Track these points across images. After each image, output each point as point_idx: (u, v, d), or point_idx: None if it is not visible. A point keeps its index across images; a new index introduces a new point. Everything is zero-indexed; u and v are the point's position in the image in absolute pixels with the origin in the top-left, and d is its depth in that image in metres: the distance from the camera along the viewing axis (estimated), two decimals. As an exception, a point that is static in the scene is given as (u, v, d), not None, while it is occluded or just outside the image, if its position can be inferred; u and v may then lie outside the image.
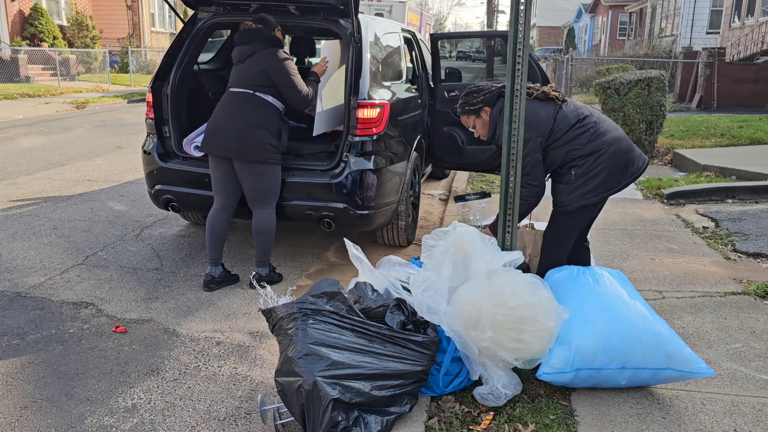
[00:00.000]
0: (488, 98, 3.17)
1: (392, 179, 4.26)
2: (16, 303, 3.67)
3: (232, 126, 3.69)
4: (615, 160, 3.04)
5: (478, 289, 2.60)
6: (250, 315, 3.58)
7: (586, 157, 3.03)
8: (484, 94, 3.17)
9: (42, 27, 19.93)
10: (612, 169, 3.04)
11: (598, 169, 3.02)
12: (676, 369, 2.66)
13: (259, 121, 3.70)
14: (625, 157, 3.08)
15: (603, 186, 3.04)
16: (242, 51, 3.78)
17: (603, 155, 3.03)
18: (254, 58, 3.74)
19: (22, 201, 5.93)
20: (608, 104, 8.74)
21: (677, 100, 15.66)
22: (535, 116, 3.03)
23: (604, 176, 3.03)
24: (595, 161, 3.03)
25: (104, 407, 2.66)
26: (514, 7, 2.73)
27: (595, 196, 3.06)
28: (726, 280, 4.12)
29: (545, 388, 2.79)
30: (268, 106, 3.74)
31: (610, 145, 3.05)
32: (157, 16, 27.17)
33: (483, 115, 3.21)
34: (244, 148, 3.67)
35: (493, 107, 3.16)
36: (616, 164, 3.04)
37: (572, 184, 3.06)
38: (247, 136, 3.67)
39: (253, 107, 3.71)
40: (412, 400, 2.58)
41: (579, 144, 3.04)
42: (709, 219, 5.59)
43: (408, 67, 5.52)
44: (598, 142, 3.04)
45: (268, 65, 3.70)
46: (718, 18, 21.26)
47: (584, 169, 3.03)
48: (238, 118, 3.69)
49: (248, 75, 3.73)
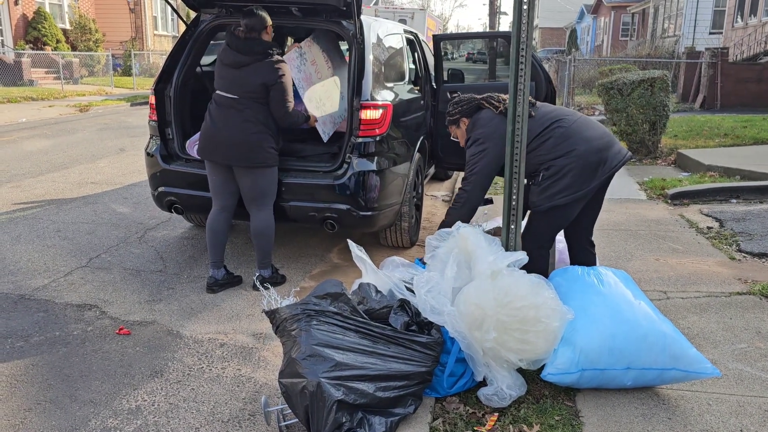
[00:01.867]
0: (465, 110, 3.28)
1: (395, 180, 4.25)
2: (20, 305, 3.68)
3: (229, 133, 3.64)
4: (584, 161, 3.04)
5: (482, 289, 2.59)
6: (254, 316, 3.57)
7: (553, 160, 3.06)
8: (462, 106, 3.30)
9: (45, 30, 20.00)
10: (581, 171, 3.04)
11: (565, 170, 3.04)
12: (681, 369, 2.65)
13: (257, 126, 3.65)
14: (596, 157, 3.07)
15: (572, 187, 3.05)
16: (237, 59, 3.64)
17: (570, 157, 3.04)
18: (251, 68, 3.62)
19: (26, 204, 5.94)
20: (611, 105, 8.72)
21: (680, 100, 15.63)
22: (497, 132, 3.08)
23: (570, 178, 3.04)
24: (562, 163, 3.04)
25: (108, 409, 2.66)
26: (517, 8, 2.73)
27: (564, 197, 3.06)
28: (731, 280, 4.11)
29: (550, 389, 2.78)
30: (261, 110, 3.67)
31: (579, 146, 3.06)
32: (159, 19, 27.24)
33: (461, 125, 3.32)
34: (243, 155, 3.66)
35: (470, 118, 3.26)
36: (585, 165, 3.04)
37: (541, 185, 3.10)
38: (245, 142, 3.65)
39: (246, 113, 3.64)
40: (416, 401, 2.57)
41: (544, 150, 3.08)
42: (714, 219, 5.57)
43: (411, 68, 5.52)
44: (566, 144, 3.06)
45: (267, 80, 3.61)
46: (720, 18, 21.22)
47: (551, 171, 3.07)
48: (235, 124, 3.64)
49: (244, 85, 3.63)
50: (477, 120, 3.21)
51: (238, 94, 3.65)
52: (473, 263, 2.75)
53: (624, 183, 7.21)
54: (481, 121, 3.19)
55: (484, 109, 3.22)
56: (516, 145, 2.85)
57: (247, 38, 3.66)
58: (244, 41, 3.65)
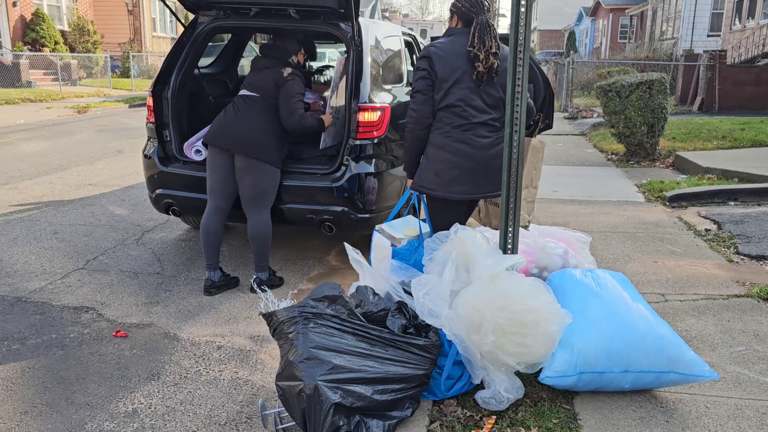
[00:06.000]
0: (464, 13, 3.22)
1: (393, 183, 4.25)
2: (16, 308, 3.66)
3: (240, 123, 3.82)
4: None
5: (480, 292, 2.59)
6: (251, 319, 3.56)
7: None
8: (464, 3, 3.22)
9: (43, 32, 19.99)
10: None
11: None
12: (679, 372, 2.64)
13: (267, 124, 3.83)
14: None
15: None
16: (261, 62, 4.02)
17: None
18: (269, 71, 3.92)
19: (23, 205, 5.93)
20: (609, 107, 8.73)
21: (678, 102, 15.65)
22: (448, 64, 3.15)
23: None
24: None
25: (105, 412, 2.65)
26: (514, 10, 2.73)
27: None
28: (729, 282, 4.10)
29: (548, 392, 2.77)
30: (275, 112, 3.86)
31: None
32: (158, 21, 27.24)
33: (452, 22, 3.31)
34: (250, 145, 3.77)
35: (461, 19, 3.23)
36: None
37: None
38: (254, 134, 3.79)
39: (262, 110, 3.85)
40: (414, 404, 2.56)
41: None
42: (712, 221, 5.57)
43: (409, 70, 5.51)
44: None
45: (278, 79, 3.88)
46: (719, 21, 21.28)
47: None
48: (248, 117, 3.83)
49: (260, 85, 3.91)
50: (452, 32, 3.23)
51: (257, 92, 3.89)
52: (471, 266, 2.74)
53: (622, 185, 7.22)
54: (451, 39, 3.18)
55: (461, 34, 3.18)
56: (514, 147, 2.85)
57: (274, 46, 4.14)
58: (271, 47, 4.14)
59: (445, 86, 3.11)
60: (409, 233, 3.32)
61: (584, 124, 13.42)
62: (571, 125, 13.61)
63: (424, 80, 3.12)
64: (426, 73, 3.12)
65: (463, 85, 3.12)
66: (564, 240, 3.43)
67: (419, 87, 3.14)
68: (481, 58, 3.09)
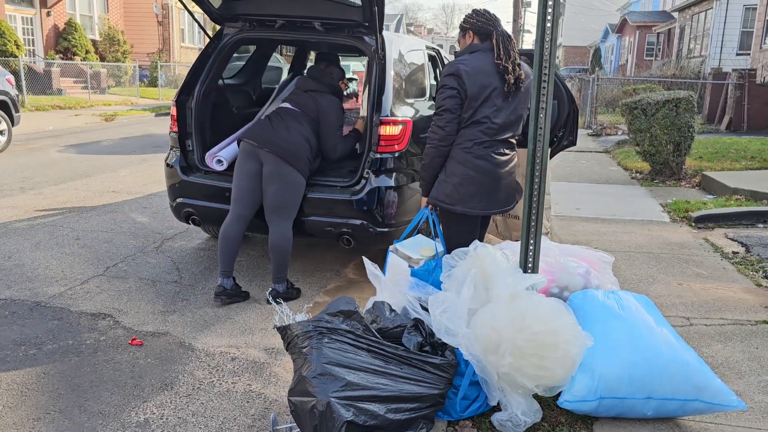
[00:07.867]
0: (479, 27, 3.19)
1: (413, 197, 4.21)
2: (35, 312, 3.69)
3: (279, 127, 3.90)
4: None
5: (498, 312, 2.53)
6: (267, 331, 3.54)
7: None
8: (479, 19, 3.20)
9: (75, 41, 20.46)
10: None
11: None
12: (705, 401, 2.55)
13: (304, 137, 3.92)
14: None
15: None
16: (308, 84, 4.13)
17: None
18: (316, 95, 4.05)
19: (47, 211, 6.01)
20: (635, 125, 8.60)
21: (706, 121, 15.40)
22: (476, 81, 3.10)
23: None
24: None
25: (116, 421, 2.64)
26: (540, 26, 2.69)
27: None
28: (757, 307, 3.98)
29: (567, 416, 2.69)
30: (314, 132, 3.99)
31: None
32: (186, 32, 27.70)
33: (467, 38, 3.27)
34: (283, 149, 3.82)
35: (478, 34, 3.20)
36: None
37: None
38: (290, 141, 3.86)
39: (304, 123, 3.99)
40: (428, 424, 2.50)
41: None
42: (739, 244, 5.43)
43: (432, 84, 5.49)
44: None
45: (324, 107, 4.02)
46: (748, 39, 20.94)
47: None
48: (289, 125, 3.93)
49: (304, 105, 4.02)
50: (474, 48, 3.19)
51: (299, 108, 4.02)
52: (490, 284, 2.69)
53: (647, 204, 7.09)
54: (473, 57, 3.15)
55: (486, 50, 3.15)
56: (537, 162, 2.80)
57: (325, 71, 4.20)
58: (321, 71, 4.20)
59: (474, 104, 3.09)
60: (425, 253, 3.27)
61: (608, 142, 13.27)
62: (595, 142, 13.46)
63: (453, 99, 3.09)
64: (456, 92, 3.08)
65: (490, 102, 3.10)
66: (586, 259, 3.35)
67: (448, 105, 3.10)
68: (510, 69, 3.10)
